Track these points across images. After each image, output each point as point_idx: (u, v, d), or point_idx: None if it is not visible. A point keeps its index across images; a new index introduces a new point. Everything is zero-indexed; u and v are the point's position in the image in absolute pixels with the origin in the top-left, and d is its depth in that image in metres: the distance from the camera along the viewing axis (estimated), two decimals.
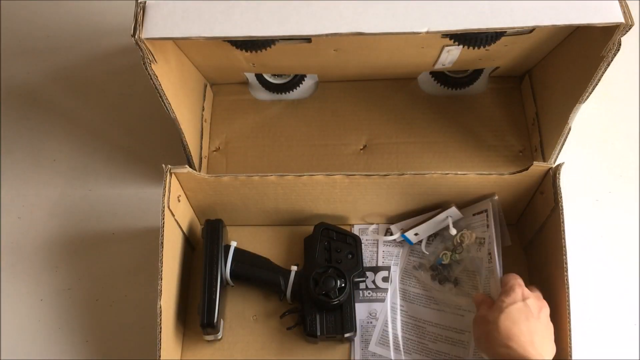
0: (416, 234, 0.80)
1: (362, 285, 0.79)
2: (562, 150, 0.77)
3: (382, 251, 0.81)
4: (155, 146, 0.92)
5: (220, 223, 0.78)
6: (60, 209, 0.88)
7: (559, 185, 0.69)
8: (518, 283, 0.66)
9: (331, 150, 0.88)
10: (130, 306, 0.81)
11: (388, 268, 0.80)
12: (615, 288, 0.80)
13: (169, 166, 0.72)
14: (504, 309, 0.62)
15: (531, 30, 0.71)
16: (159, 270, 0.68)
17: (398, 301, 0.78)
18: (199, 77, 0.87)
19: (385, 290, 0.78)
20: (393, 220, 0.82)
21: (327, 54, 0.77)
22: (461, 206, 0.78)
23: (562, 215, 0.68)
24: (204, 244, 0.77)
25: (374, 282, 0.79)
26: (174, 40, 0.71)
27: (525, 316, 0.62)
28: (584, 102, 0.68)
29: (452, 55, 0.77)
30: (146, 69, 0.64)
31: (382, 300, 0.78)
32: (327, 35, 0.59)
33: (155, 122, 0.93)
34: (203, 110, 0.88)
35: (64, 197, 0.89)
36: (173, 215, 0.72)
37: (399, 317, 0.77)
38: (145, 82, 0.67)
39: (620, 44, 0.60)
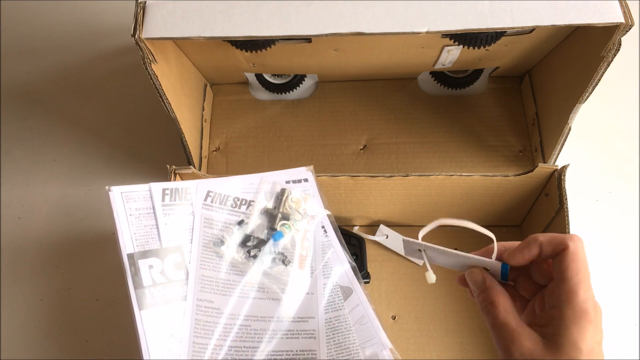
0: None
1: (146, 281, 0.55)
2: (562, 150, 0.77)
3: (164, 224, 0.57)
4: (155, 146, 0.92)
5: None
6: (60, 209, 0.88)
7: (564, 187, 0.69)
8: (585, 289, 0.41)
9: (331, 150, 0.88)
10: (130, 306, 0.81)
11: (179, 248, 0.57)
12: (615, 288, 0.80)
13: (174, 167, 0.71)
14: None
15: (531, 30, 0.71)
16: None
17: (205, 296, 0.56)
18: (199, 77, 0.87)
19: (181, 282, 0.56)
20: (394, 222, 0.82)
21: (327, 54, 0.77)
22: (462, 208, 0.78)
23: (568, 217, 0.68)
24: None
25: (162, 272, 0.55)
26: (174, 40, 0.71)
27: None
28: (584, 102, 0.68)
29: (452, 55, 0.77)
30: (146, 69, 0.64)
31: (181, 297, 0.56)
32: (327, 35, 0.59)
33: (155, 122, 0.93)
34: (203, 110, 0.88)
35: (64, 197, 0.89)
36: None
37: (221, 322, 0.55)
38: (145, 82, 0.67)
39: (620, 44, 0.60)
